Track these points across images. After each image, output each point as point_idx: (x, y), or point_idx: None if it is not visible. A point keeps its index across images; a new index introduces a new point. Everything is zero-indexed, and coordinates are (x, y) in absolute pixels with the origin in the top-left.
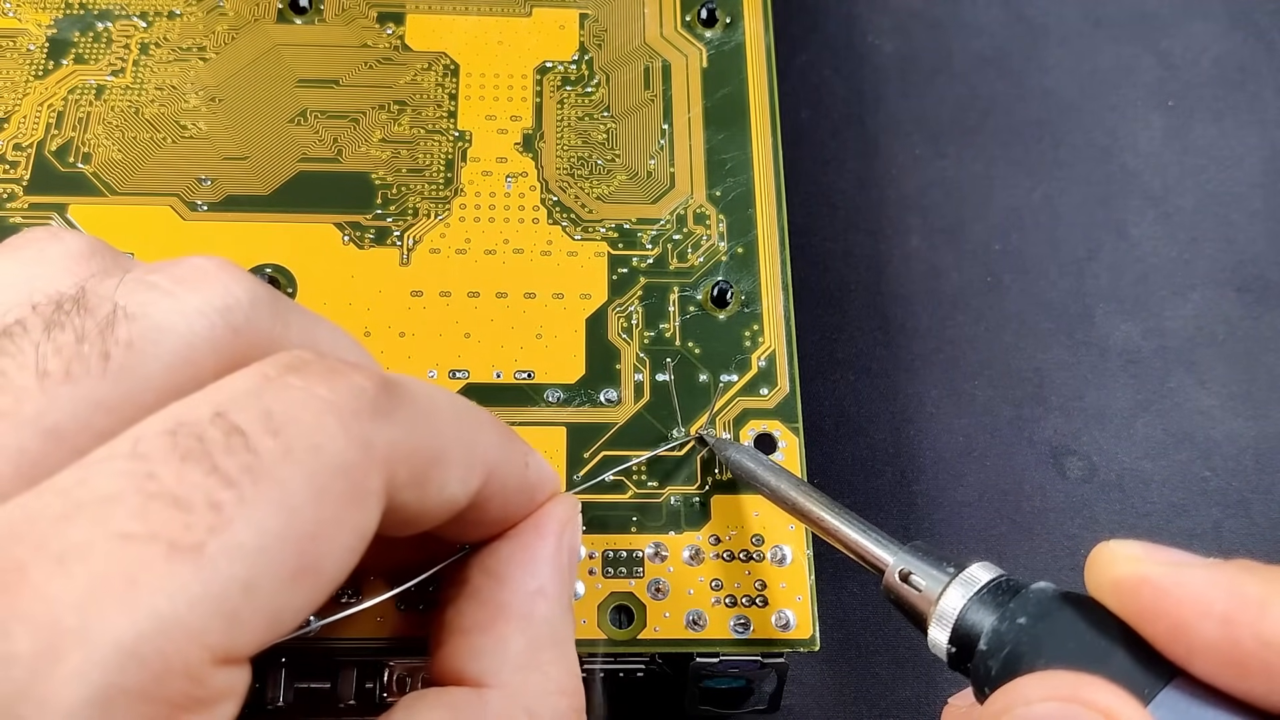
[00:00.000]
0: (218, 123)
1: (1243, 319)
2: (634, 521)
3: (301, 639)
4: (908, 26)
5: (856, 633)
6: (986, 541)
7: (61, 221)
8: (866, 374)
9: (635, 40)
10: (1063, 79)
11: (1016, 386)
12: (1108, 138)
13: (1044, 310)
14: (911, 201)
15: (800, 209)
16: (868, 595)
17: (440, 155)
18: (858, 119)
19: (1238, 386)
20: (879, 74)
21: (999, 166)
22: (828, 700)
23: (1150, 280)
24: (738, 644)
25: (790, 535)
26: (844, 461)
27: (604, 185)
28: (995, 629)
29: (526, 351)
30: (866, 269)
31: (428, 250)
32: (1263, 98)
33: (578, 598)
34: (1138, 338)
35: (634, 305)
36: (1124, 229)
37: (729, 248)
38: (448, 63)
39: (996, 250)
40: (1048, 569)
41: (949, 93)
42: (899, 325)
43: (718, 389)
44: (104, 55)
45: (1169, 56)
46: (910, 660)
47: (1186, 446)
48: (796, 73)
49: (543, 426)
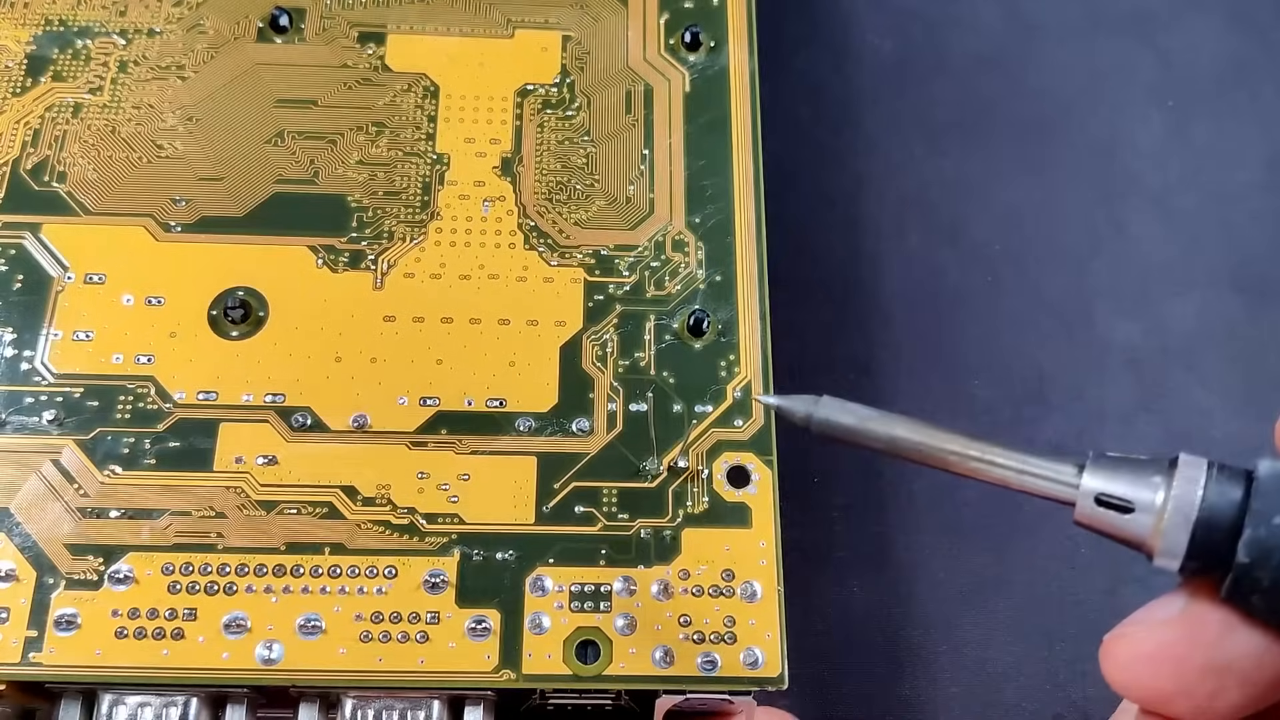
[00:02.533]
0: (194, 142)
1: (1243, 319)
2: (603, 554)
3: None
4: (907, 25)
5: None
6: (986, 541)
7: (34, 240)
8: (866, 374)
9: (618, 63)
10: (1062, 78)
11: (1016, 386)
12: (1107, 137)
13: (1044, 309)
14: (911, 201)
15: (800, 208)
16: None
17: (417, 178)
18: (856, 118)
19: (1238, 386)
20: (878, 73)
21: (998, 165)
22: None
23: (1150, 280)
24: (705, 681)
25: (761, 570)
26: (844, 461)
27: (582, 210)
28: (1253, 538)
29: (499, 379)
30: (866, 269)
31: (402, 274)
32: (1263, 96)
33: (542, 631)
34: (1138, 337)
35: (609, 333)
36: (1124, 228)
37: (707, 276)
38: (428, 84)
39: (996, 250)
40: (1047, 569)
41: (948, 91)
42: (899, 325)
43: (692, 420)
44: (82, 73)
45: (1168, 55)
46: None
47: (1186, 446)
48: (795, 72)
49: (512, 456)
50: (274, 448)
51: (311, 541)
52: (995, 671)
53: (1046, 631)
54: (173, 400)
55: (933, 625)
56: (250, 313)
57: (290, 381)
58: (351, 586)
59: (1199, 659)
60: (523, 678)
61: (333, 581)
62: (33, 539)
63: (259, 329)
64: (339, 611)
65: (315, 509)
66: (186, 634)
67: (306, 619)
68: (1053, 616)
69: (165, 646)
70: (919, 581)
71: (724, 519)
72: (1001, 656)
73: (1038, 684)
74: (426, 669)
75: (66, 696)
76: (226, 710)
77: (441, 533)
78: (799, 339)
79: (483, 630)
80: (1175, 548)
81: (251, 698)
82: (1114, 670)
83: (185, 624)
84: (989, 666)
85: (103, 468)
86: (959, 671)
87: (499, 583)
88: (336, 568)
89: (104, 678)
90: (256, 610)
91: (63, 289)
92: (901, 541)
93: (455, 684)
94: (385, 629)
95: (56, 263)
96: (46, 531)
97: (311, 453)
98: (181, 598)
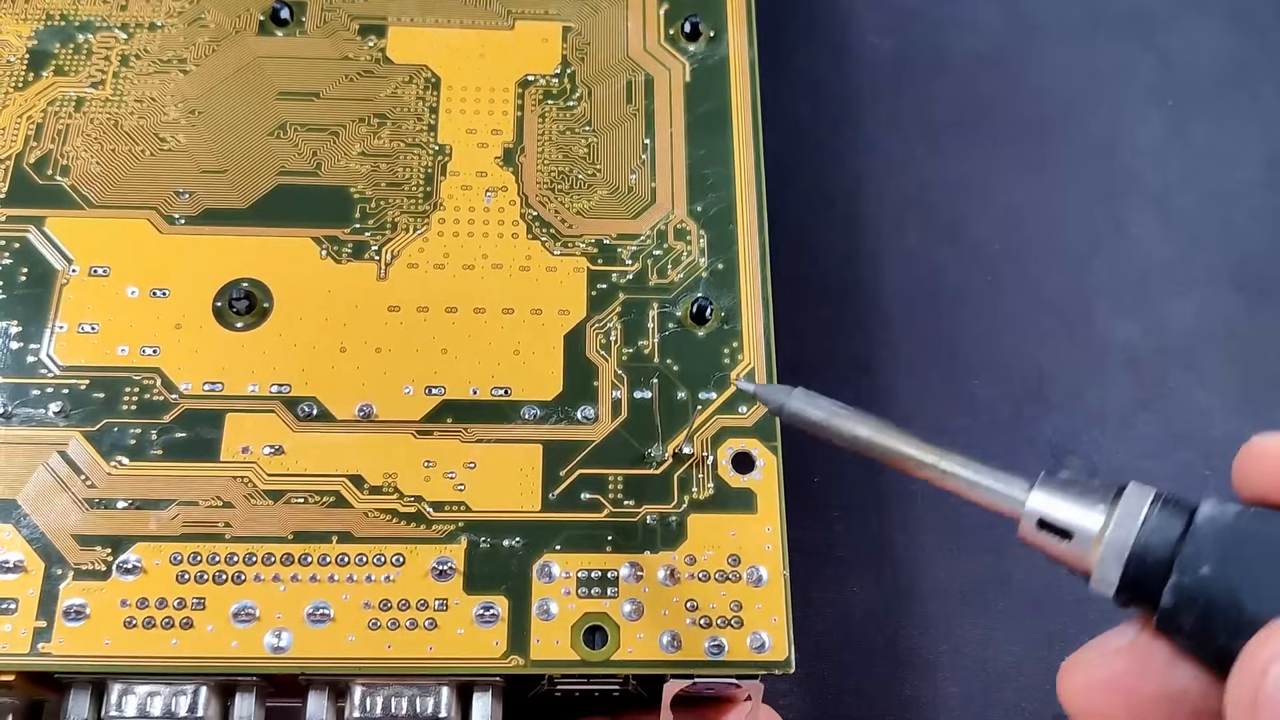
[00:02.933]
0: (197, 135)
1: (1243, 319)
2: (610, 540)
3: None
4: (906, 25)
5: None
6: (986, 541)
7: (38, 233)
8: (866, 374)
9: (618, 54)
10: (1062, 77)
11: (1016, 386)
12: (1107, 136)
13: (1044, 309)
14: (911, 199)
15: (800, 207)
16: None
17: (420, 169)
18: (856, 117)
19: (1238, 386)
20: (878, 72)
21: (998, 165)
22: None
23: (1150, 279)
24: (712, 665)
25: (767, 555)
26: (844, 461)
27: (584, 200)
28: (1178, 584)
29: (504, 368)
30: (866, 268)
31: (406, 265)
32: (1263, 96)
33: (549, 617)
34: (1138, 337)
35: (613, 322)
36: (1124, 227)
37: (709, 264)
38: (429, 75)
39: (996, 249)
40: (1046, 568)
41: (948, 91)
42: (899, 324)
43: (696, 407)
44: (84, 67)
45: (1168, 55)
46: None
47: (1186, 446)
48: (795, 70)
49: (518, 444)
50: (280, 437)
51: (319, 530)
52: (995, 671)
53: (1046, 631)
54: (179, 391)
55: (933, 625)
56: (255, 304)
57: (296, 372)
58: (359, 575)
59: (1150, 688)
60: (531, 663)
61: (341, 570)
62: (40, 530)
63: (264, 320)
64: (347, 600)
65: (322, 498)
66: (195, 623)
67: (315, 607)
68: (1053, 616)
69: (174, 636)
70: (919, 581)
71: (729, 505)
72: (1001, 656)
73: (1038, 684)
74: (435, 656)
75: (75, 686)
76: (235, 699)
77: (449, 520)
78: (799, 338)
79: (491, 617)
80: (1108, 579)
81: (260, 686)
82: (1069, 696)
83: (194, 613)
84: (989, 666)
85: (110, 459)
86: (959, 671)
87: (506, 569)
88: (344, 556)
89: (113, 667)
90: (265, 599)
91: (67, 282)
92: (901, 541)
93: (464, 670)
94: (394, 616)
95: (61, 256)
96: (54, 523)
97: (318, 442)
98: (190, 587)
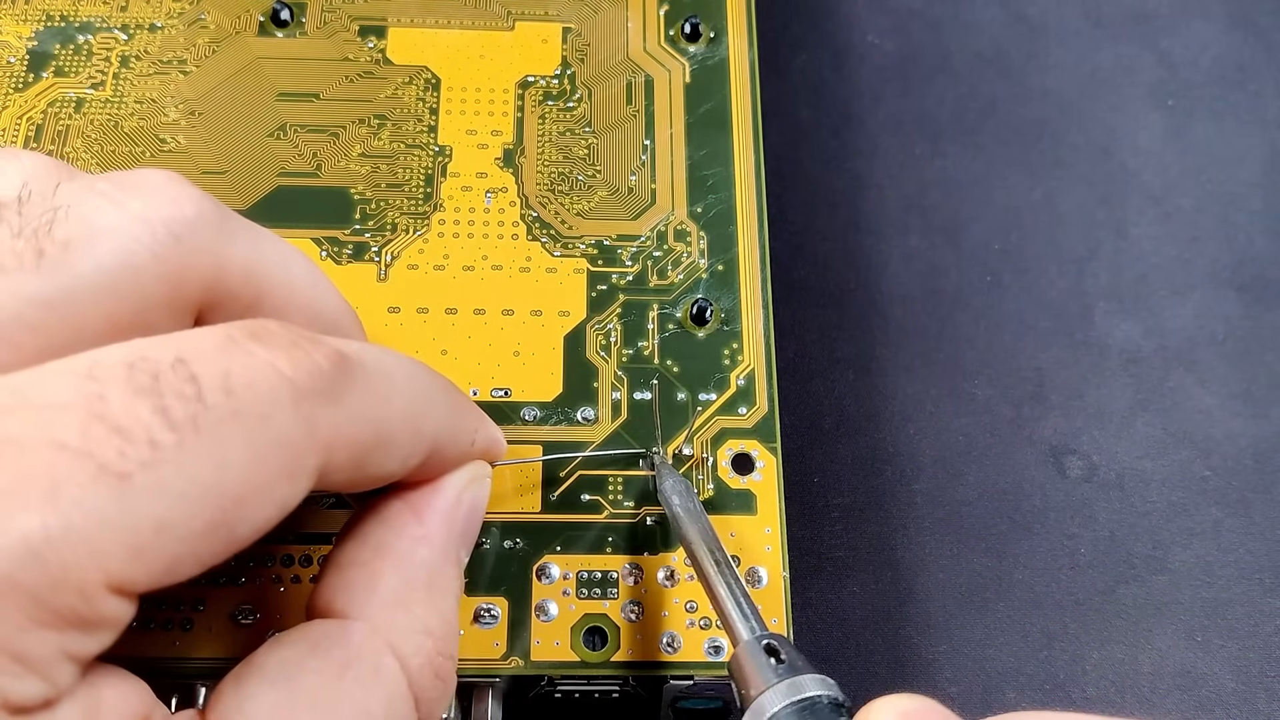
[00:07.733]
0: (197, 136)
1: (1243, 319)
2: (609, 542)
3: None
4: (907, 26)
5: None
6: (986, 541)
7: None
8: (866, 374)
9: (618, 55)
10: (1062, 78)
11: (1016, 386)
12: (1107, 137)
13: (1044, 309)
14: (911, 201)
15: (800, 208)
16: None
17: (420, 170)
18: (857, 118)
19: (1238, 386)
20: (879, 73)
21: (999, 166)
22: None
23: (1150, 280)
24: (712, 666)
25: (767, 556)
26: (844, 461)
27: (584, 201)
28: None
29: (504, 369)
30: (866, 269)
31: (406, 266)
32: (1263, 97)
33: (549, 618)
34: (1138, 337)
35: (613, 323)
36: (1124, 228)
37: (709, 265)
38: (429, 77)
39: (996, 250)
40: (1046, 568)
41: (949, 92)
42: (899, 325)
43: (696, 408)
44: (84, 68)
45: (1169, 56)
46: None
47: (1186, 446)
48: (796, 72)
49: (519, 445)
50: None
51: (320, 531)
52: (995, 671)
53: (1046, 631)
54: None
55: (933, 625)
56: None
57: None
58: None
59: None
60: (531, 665)
61: None
62: None
63: None
64: None
65: (323, 499)
66: (195, 624)
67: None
68: (1053, 616)
69: (175, 637)
70: (919, 582)
71: (729, 506)
72: (1001, 656)
73: (1038, 684)
74: None
75: None
76: None
77: None
78: (799, 339)
79: (490, 618)
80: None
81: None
82: None
83: (194, 614)
84: (989, 666)
85: None
86: (959, 671)
87: (506, 571)
88: None
89: None
90: (265, 600)
91: None
92: (901, 541)
93: (463, 671)
94: None
95: None
96: None
97: None
98: (189, 587)
